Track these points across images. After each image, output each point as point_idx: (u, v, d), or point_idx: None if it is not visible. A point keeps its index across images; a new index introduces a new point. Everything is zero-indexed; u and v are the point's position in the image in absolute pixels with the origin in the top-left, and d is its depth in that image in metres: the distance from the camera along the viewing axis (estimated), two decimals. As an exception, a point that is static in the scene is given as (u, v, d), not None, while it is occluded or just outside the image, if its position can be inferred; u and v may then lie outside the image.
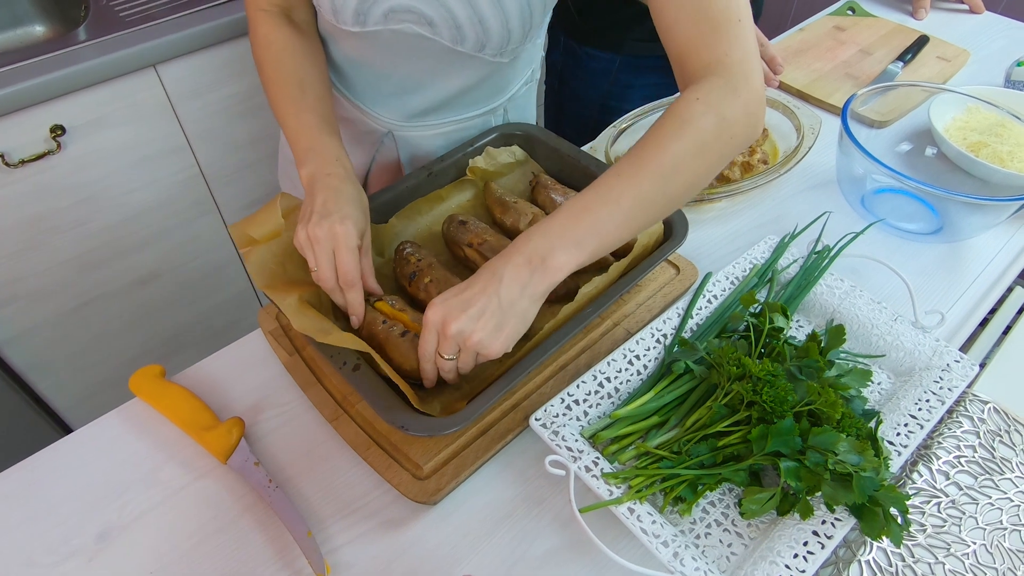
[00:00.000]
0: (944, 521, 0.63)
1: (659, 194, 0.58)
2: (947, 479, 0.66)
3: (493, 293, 0.55)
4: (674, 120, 0.59)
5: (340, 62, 0.84)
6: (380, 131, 0.89)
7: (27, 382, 1.32)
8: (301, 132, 0.69)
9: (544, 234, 0.56)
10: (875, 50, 1.19)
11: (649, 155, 0.58)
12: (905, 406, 0.65)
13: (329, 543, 0.59)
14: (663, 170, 0.57)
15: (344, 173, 0.67)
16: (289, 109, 0.71)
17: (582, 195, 0.57)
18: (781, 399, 0.59)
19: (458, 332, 0.54)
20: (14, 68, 1.03)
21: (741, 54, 0.60)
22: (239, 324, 1.60)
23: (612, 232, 0.57)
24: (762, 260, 0.79)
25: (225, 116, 1.29)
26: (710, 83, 0.60)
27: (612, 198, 0.57)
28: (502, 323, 0.55)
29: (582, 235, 0.56)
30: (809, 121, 0.95)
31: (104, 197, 1.21)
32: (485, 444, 0.63)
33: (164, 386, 0.68)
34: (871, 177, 0.86)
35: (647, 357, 0.69)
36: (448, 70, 0.79)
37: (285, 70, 0.73)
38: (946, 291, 0.81)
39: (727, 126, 0.59)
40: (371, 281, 0.67)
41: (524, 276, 0.55)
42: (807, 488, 0.57)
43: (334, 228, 0.61)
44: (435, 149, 0.91)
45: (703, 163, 0.59)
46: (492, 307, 0.55)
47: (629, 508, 0.57)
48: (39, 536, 0.59)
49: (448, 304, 0.55)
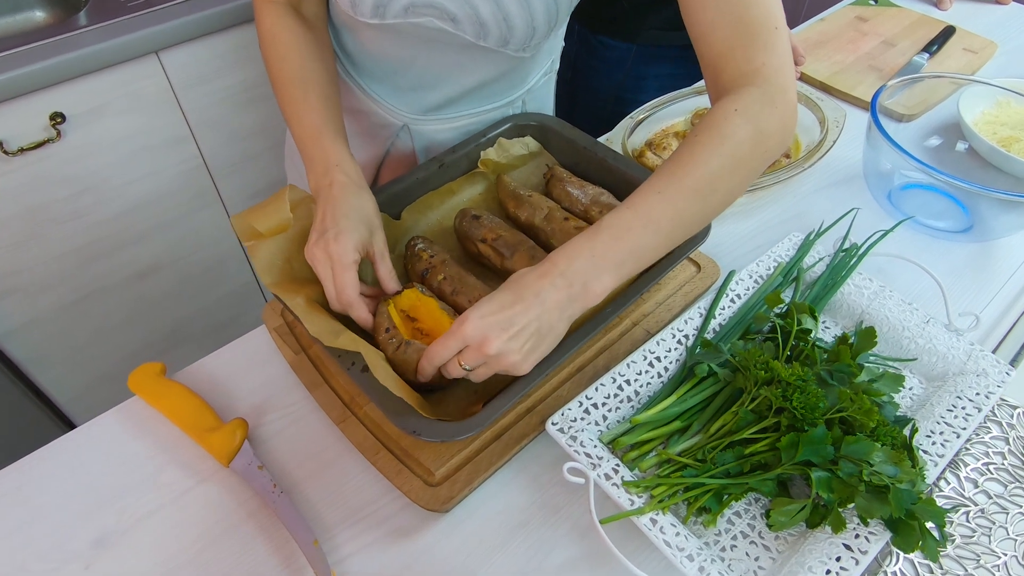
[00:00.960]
0: (973, 531, 0.60)
1: (697, 213, 0.58)
2: (976, 487, 0.63)
3: (535, 317, 0.53)
4: (712, 134, 0.57)
5: (357, 53, 0.81)
6: (395, 124, 0.87)
7: (27, 375, 1.30)
8: (304, 138, 0.68)
9: (587, 255, 0.55)
10: (899, 41, 1.16)
11: (687, 171, 0.57)
12: (939, 413, 0.62)
13: (336, 552, 0.56)
14: (701, 188, 0.57)
15: (345, 179, 0.64)
16: (293, 111, 0.69)
17: (622, 213, 0.56)
18: (812, 406, 0.56)
19: (498, 352, 0.53)
20: (13, 53, 1.01)
21: (778, 63, 0.59)
22: (241, 319, 1.58)
23: (650, 254, 0.57)
24: (787, 258, 0.75)
25: (229, 105, 1.26)
26: (749, 94, 0.58)
27: (653, 219, 0.56)
28: (537, 346, 0.55)
29: (623, 258, 0.55)
30: (833, 114, 0.92)
31: (104, 187, 1.19)
32: (499, 449, 0.61)
33: (165, 384, 0.66)
34: (899, 172, 0.83)
35: (668, 359, 0.66)
36: (468, 65, 0.77)
37: (289, 68, 0.71)
38: (977, 292, 0.77)
39: (763, 139, 0.58)
40: (391, 284, 0.65)
41: (564, 300, 0.54)
42: (839, 500, 0.54)
43: (329, 247, 0.60)
44: (451, 141, 0.89)
45: (739, 178, 0.59)
46: (532, 330, 0.54)
47: (651, 519, 0.54)
48: (32, 541, 0.57)
49: (488, 322, 0.53)
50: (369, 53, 0.79)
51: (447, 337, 0.54)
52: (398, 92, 0.83)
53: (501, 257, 0.71)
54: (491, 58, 0.76)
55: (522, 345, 0.53)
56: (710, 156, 0.57)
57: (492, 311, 0.53)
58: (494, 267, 0.72)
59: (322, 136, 0.67)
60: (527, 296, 0.54)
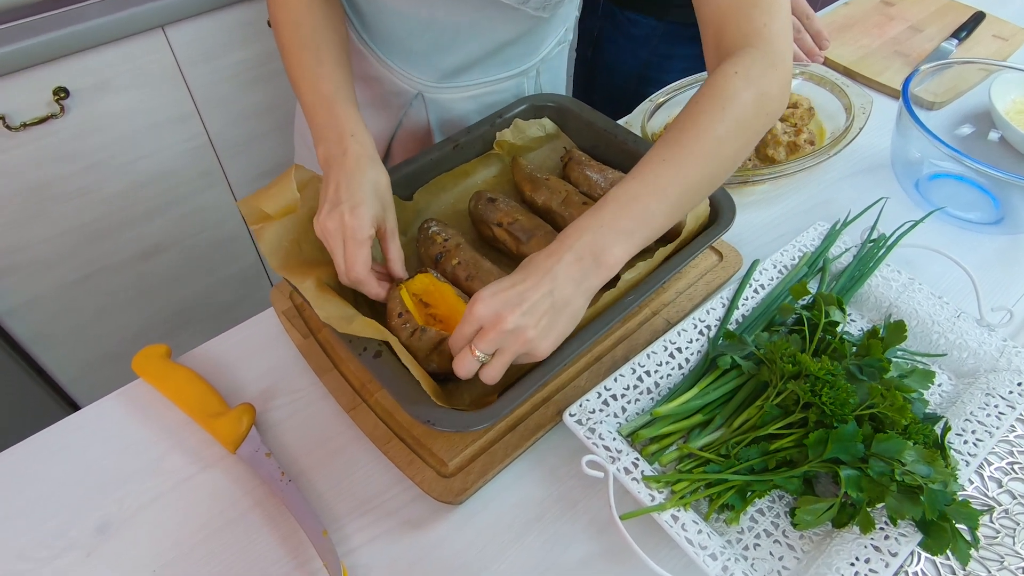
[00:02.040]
0: (997, 532, 0.58)
1: (704, 178, 0.56)
2: (1000, 487, 0.61)
3: (547, 292, 0.51)
4: (715, 98, 0.56)
5: (372, 15, 0.78)
6: (409, 92, 0.85)
7: (29, 353, 1.28)
8: (317, 106, 0.65)
9: (595, 228, 0.53)
10: (926, 27, 1.12)
11: (692, 137, 0.56)
12: (970, 410, 0.60)
13: (345, 543, 0.54)
14: (707, 153, 0.55)
15: (360, 150, 0.62)
16: (305, 78, 0.67)
17: (627, 184, 0.55)
18: (842, 401, 0.54)
19: (515, 327, 0.50)
20: (17, 25, 0.98)
21: (779, 27, 0.58)
22: (247, 300, 1.56)
23: (660, 222, 0.55)
24: (812, 248, 0.73)
25: (236, 83, 1.23)
26: (750, 56, 0.57)
27: (660, 187, 0.54)
28: (554, 322, 0.52)
29: (633, 226, 0.54)
30: (860, 100, 0.89)
31: (109, 165, 1.16)
32: (515, 440, 0.59)
33: (170, 367, 0.64)
34: (928, 161, 0.80)
35: (689, 350, 0.64)
36: (485, 25, 0.75)
37: (302, 35, 0.68)
38: (1008, 286, 0.75)
39: (766, 102, 0.57)
40: (398, 268, 0.63)
41: (577, 273, 0.52)
42: (868, 499, 0.52)
43: (344, 219, 0.57)
44: (466, 112, 0.87)
45: (743, 141, 0.58)
46: (546, 305, 0.51)
47: (672, 515, 0.52)
48: (32, 528, 0.55)
49: (499, 299, 0.51)
50: (387, 10, 0.76)
51: (461, 323, 0.52)
52: (413, 56, 0.81)
53: (517, 242, 0.68)
54: (509, 16, 0.75)
55: (538, 320, 0.51)
56: (714, 121, 0.55)
57: (503, 288, 0.52)
58: (510, 252, 0.70)
59: (335, 104, 0.64)
60: (534, 272, 0.52)
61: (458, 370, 0.53)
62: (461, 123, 0.89)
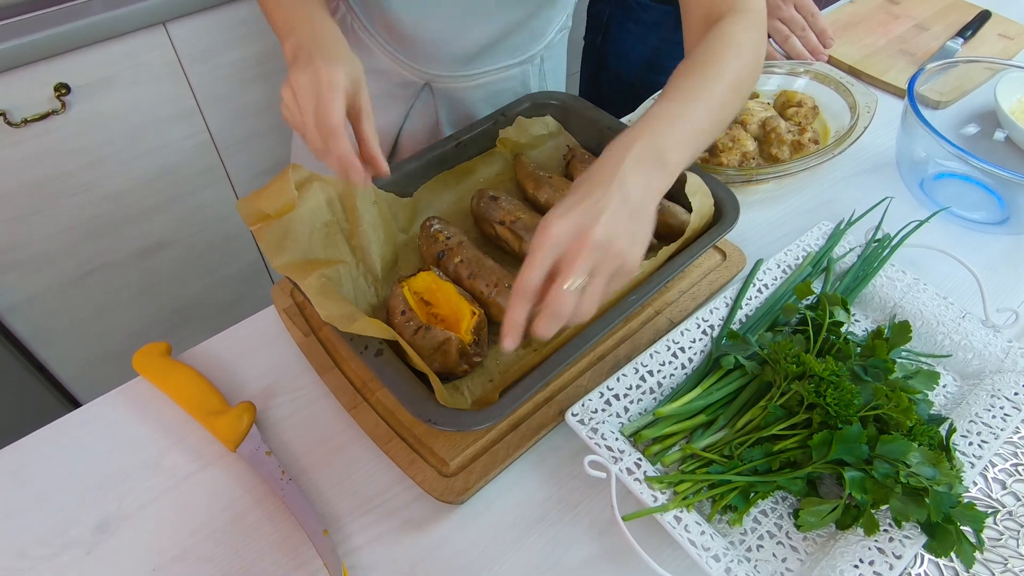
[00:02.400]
0: (1000, 534, 0.58)
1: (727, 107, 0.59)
2: (1003, 488, 0.60)
3: (622, 199, 0.46)
4: (724, 44, 0.59)
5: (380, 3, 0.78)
6: (417, 84, 0.85)
7: (30, 350, 1.28)
8: (285, 13, 0.61)
9: (646, 136, 0.51)
10: (931, 25, 1.12)
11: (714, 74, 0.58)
12: (975, 412, 0.60)
13: (346, 543, 0.54)
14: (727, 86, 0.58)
15: (331, 31, 0.59)
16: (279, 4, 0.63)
17: (660, 109, 0.54)
18: (847, 402, 0.53)
19: (603, 239, 0.45)
20: (18, 21, 0.98)
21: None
22: (248, 298, 1.55)
23: (703, 139, 0.56)
24: (816, 247, 0.73)
25: (238, 80, 1.23)
26: (742, 19, 0.62)
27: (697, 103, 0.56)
28: (638, 229, 0.48)
29: (681, 136, 0.53)
30: (864, 99, 0.88)
31: (110, 161, 1.16)
32: (516, 440, 0.58)
33: (170, 365, 0.63)
34: (934, 161, 0.80)
35: (693, 350, 0.63)
36: (492, 7, 0.76)
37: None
38: (1014, 287, 0.74)
39: (759, 59, 0.63)
40: (373, 146, 0.58)
41: (643, 178, 0.49)
42: (873, 501, 0.51)
43: (318, 71, 0.53)
44: (474, 103, 0.87)
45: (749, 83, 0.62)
46: (626, 212, 0.46)
47: (675, 516, 0.52)
48: (32, 526, 0.55)
49: (575, 213, 0.45)
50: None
51: (531, 256, 0.45)
52: (420, 45, 0.81)
53: (519, 240, 0.68)
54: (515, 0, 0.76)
55: (625, 228, 0.46)
56: (728, 58, 0.59)
57: (572, 204, 0.46)
58: (512, 250, 0.70)
59: (305, 4, 0.61)
60: (603, 183, 0.47)
61: (542, 323, 0.45)
62: (469, 113, 0.89)
